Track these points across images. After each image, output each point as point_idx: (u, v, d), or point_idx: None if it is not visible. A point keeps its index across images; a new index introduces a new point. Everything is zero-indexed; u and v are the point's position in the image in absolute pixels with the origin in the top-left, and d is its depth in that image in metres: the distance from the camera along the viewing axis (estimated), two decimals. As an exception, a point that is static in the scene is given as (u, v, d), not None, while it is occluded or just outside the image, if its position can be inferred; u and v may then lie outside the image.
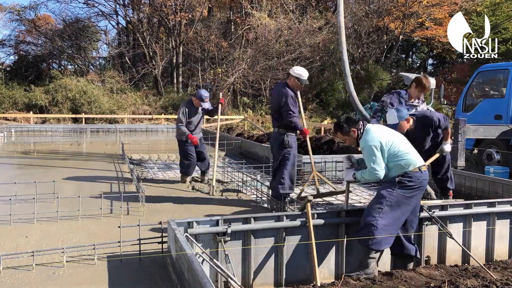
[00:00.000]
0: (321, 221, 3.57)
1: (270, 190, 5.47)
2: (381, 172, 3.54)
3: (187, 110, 6.70)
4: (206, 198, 6.01)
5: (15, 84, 24.11)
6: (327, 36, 23.09)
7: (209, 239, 3.31)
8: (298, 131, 5.42)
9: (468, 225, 4.01)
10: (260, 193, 6.00)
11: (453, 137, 6.23)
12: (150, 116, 22.74)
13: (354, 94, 6.98)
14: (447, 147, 4.98)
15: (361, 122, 3.80)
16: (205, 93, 6.71)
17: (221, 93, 7.25)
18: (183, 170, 6.97)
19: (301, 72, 5.26)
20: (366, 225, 3.44)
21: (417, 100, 5.21)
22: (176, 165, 9.19)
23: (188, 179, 7.03)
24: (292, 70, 5.30)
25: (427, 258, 3.87)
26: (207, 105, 6.77)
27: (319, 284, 3.30)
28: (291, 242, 3.50)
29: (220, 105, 6.83)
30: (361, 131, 3.73)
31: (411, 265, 3.71)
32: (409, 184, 3.52)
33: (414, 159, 3.61)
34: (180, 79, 28.14)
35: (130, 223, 4.12)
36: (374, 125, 3.86)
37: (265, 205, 5.61)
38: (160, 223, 3.64)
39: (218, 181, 6.92)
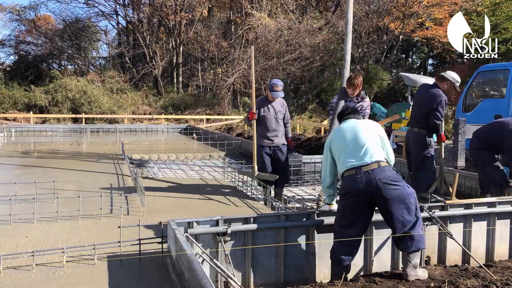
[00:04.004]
0: (321, 221, 3.57)
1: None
2: None
3: (259, 103, 5.89)
4: (206, 198, 6.00)
5: (15, 84, 24.11)
6: (327, 36, 23.09)
7: (209, 239, 3.31)
8: (435, 135, 5.53)
9: (468, 225, 4.01)
10: (260, 193, 5.99)
11: (453, 138, 6.30)
12: (150, 116, 22.74)
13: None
14: None
15: None
16: (278, 82, 5.88)
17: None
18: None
19: (457, 78, 5.33)
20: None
21: (355, 97, 5.39)
22: (176, 165, 9.20)
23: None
24: (448, 74, 5.31)
25: (427, 258, 3.87)
26: (281, 94, 5.83)
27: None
28: (291, 242, 3.50)
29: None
30: None
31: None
32: None
33: None
34: (180, 79, 28.14)
35: (130, 223, 4.12)
36: None
37: (261, 203, 5.60)
38: (160, 223, 3.63)
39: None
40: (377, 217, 3.69)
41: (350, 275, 3.59)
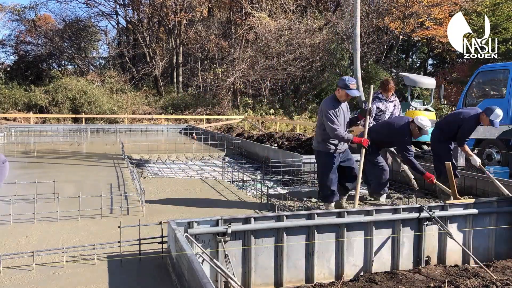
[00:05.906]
0: (322, 221, 3.57)
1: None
2: None
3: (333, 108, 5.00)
4: (206, 198, 6.01)
5: (15, 84, 24.13)
6: (327, 36, 23.10)
7: (209, 239, 3.31)
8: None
9: (468, 225, 4.01)
10: (260, 193, 6.00)
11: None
12: (150, 116, 22.75)
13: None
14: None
15: None
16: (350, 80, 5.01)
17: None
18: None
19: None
20: None
21: (392, 97, 6.29)
22: (176, 165, 9.21)
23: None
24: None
25: (427, 258, 3.87)
26: (356, 92, 5.00)
27: None
28: (291, 242, 3.50)
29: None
30: None
31: None
32: None
33: None
34: (180, 79, 28.13)
35: (130, 223, 4.12)
36: None
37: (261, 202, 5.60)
38: (160, 223, 3.63)
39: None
40: (377, 217, 3.69)
41: (350, 275, 3.59)
